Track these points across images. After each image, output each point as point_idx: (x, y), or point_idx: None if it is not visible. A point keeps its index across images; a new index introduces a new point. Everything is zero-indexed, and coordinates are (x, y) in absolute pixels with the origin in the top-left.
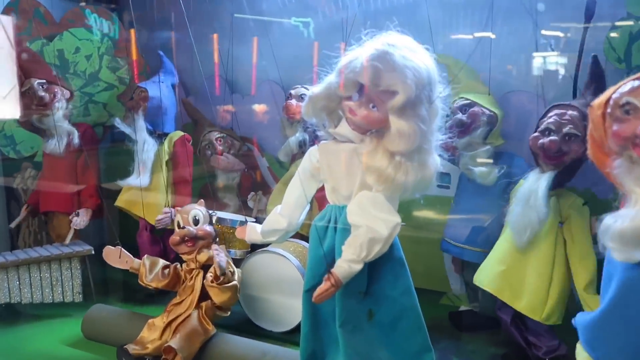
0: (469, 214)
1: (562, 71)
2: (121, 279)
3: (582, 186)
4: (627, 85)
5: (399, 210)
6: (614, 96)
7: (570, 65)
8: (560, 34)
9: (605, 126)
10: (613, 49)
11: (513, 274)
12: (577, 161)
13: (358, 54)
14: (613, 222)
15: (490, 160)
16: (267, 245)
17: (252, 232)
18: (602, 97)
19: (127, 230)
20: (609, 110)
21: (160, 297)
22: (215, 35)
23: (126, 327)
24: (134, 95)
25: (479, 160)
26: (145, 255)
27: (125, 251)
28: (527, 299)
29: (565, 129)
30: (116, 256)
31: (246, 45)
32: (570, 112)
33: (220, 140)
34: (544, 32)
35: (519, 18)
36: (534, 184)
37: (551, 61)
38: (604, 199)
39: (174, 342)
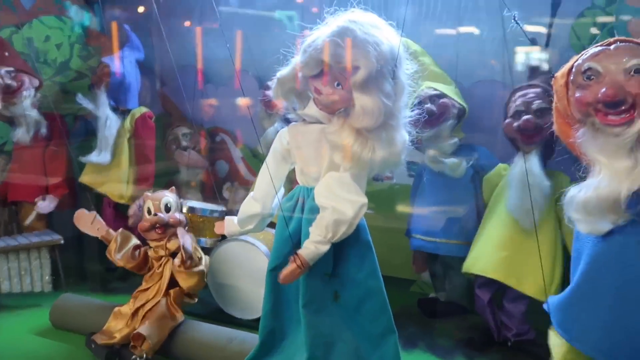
0: (442, 207)
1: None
2: (91, 269)
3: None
4: (588, 52)
5: (371, 199)
6: (575, 64)
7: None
8: (535, 29)
9: (568, 95)
10: (578, 39)
11: (516, 259)
12: (554, 134)
13: (321, 33)
14: (577, 192)
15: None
16: None
17: (230, 224)
18: (565, 67)
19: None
20: (571, 77)
21: (128, 284)
22: (198, 28)
23: (95, 316)
24: (97, 70)
25: (446, 152)
26: (121, 229)
27: (100, 218)
28: (535, 282)
29: (534, 106)
30: (88, 221)
31: (218, 34)
32: (532, 90)
33: (186, 137)
34: (529, 26)
35: (487, 12)
36: (528, 166)
37: (519, 52)
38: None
39: (143, 329)
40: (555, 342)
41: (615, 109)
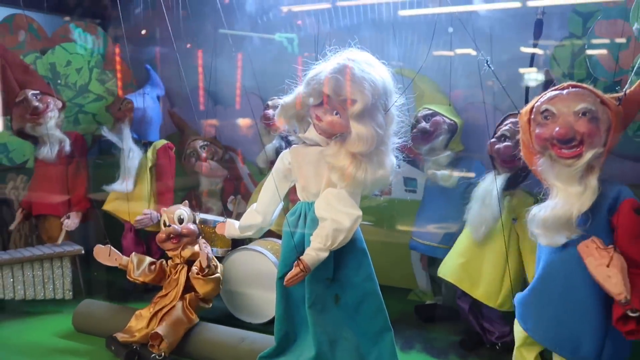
0: (436, 215)
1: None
2: (109, 278)
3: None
4: (547, 95)
5: (371, 213)
6: (536, 104)
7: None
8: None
9: (530, 130)
10: (558, 65)
11: (471, 265)
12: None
13: (323, 68)
14: (538, 212)
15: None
16: (246, 243)
17: (231, 227)
18: (528, 106)
19: (113, 233)
20: (532, 116)
21: (147, 294)
22: (199, 51)
23: (115, 320)
24: (121, 106)
25: (441, 164)
26: (133, 253)
27: (115, 249)
28: (484, 288)
29: (519, 136)
30: (106, 254)
31: (228, 59)
32: None
33: (204, 148)
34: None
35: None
36: (490, 185)
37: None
38: None
39: (161, 329)
40: (518, 328)
41: (567, 144)
